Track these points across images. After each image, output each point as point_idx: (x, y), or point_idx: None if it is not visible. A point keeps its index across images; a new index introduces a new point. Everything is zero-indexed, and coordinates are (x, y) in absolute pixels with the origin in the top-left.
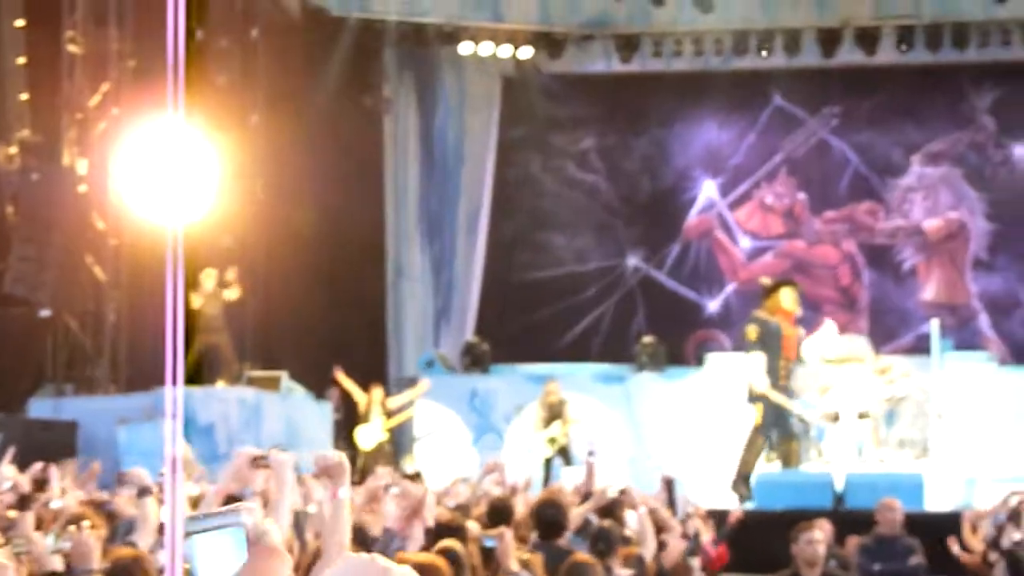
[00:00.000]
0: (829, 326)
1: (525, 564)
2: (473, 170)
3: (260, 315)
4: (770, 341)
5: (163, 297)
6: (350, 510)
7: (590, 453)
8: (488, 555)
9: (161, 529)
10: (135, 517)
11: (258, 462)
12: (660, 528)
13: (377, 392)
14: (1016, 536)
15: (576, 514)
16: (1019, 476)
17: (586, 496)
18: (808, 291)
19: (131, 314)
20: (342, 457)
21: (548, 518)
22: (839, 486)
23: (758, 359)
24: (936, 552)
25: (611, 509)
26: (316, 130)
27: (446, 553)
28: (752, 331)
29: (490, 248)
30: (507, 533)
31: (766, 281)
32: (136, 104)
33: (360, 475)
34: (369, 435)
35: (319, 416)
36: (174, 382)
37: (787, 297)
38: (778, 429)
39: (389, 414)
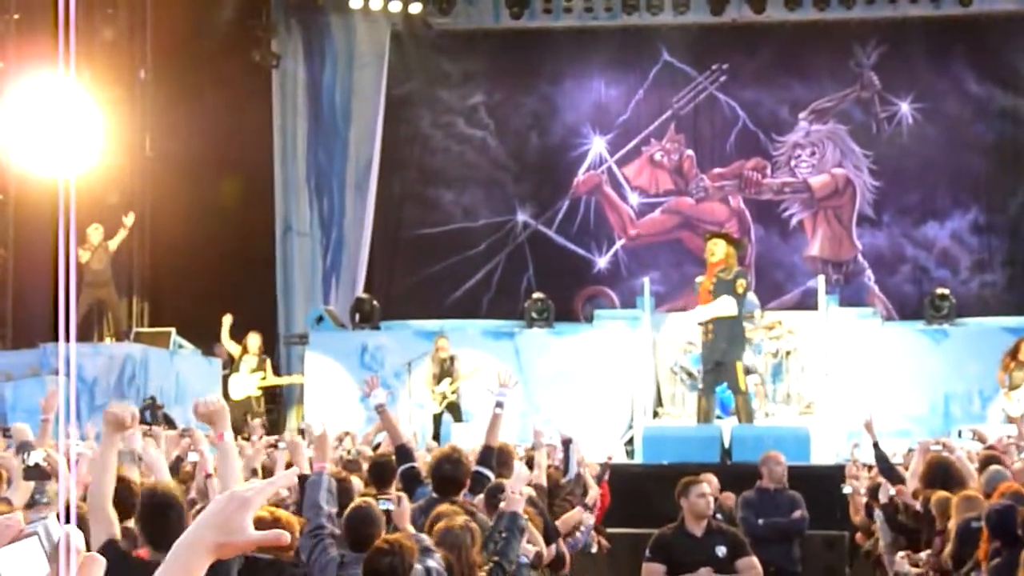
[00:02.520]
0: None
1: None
2: (362, 126)
3: (148, 271)
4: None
5: (48, 252)
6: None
7: (497, 404)
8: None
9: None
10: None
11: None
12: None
13: (253, 341)
14: (891, 491)
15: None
16: (903, 429)
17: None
18: (696, 247)
19: (17, 270)
20: (223, 402)
21: (446, 474)
22: (726, 440)
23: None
24: (820, 505)
25: (504, 462)
26: (204, 85)
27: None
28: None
29: (379, 204)
30: (403, 498)
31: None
32: (21, 58)
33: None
34: (239, 386)
35: (207, 372)
36: (67, 338)
37: (707, 250)
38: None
39: (265, 368)
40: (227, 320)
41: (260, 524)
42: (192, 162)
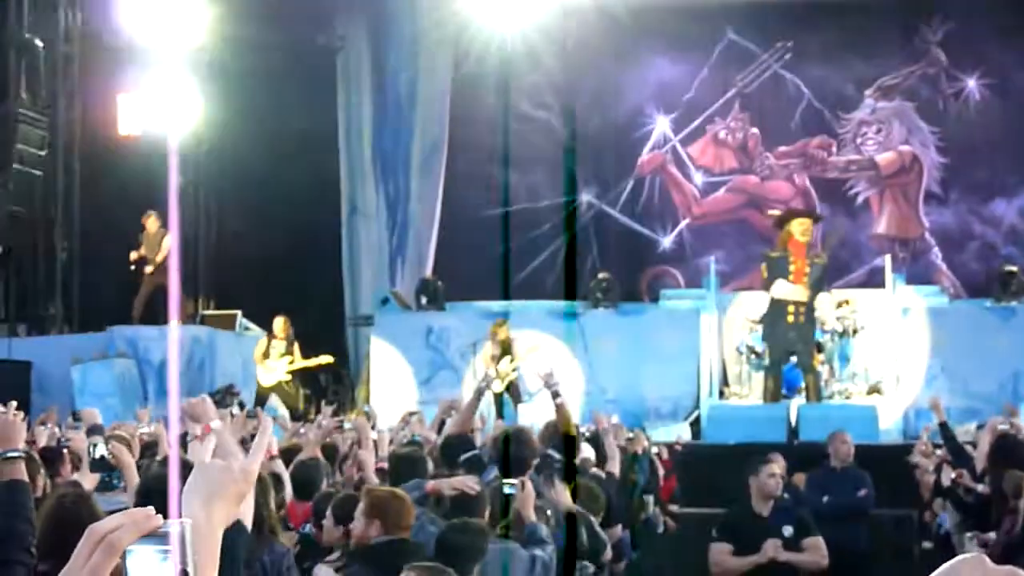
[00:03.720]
0: None
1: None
2: (427, 107)
3: (214, 254)
4: (777, 275)
5: (116, 234)
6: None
7: (555, 395)
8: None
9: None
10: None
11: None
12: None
13: (278, 324)
14: (952, 475)
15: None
16: (971, 408)
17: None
18: (760, 226)
19: (84, 252)
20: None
21: (512, 454)
22: (793, 419)
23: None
24: (888, 484)
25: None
26: (270, 68)
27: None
28: (763, 269)
29: (444, 185)
30: (528, 481)
31: (775, 213)
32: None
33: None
34: (269, 372)
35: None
36: (127, 321)
37: (797, 228)
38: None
39: (293, 351)
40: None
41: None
42: (257, 144)
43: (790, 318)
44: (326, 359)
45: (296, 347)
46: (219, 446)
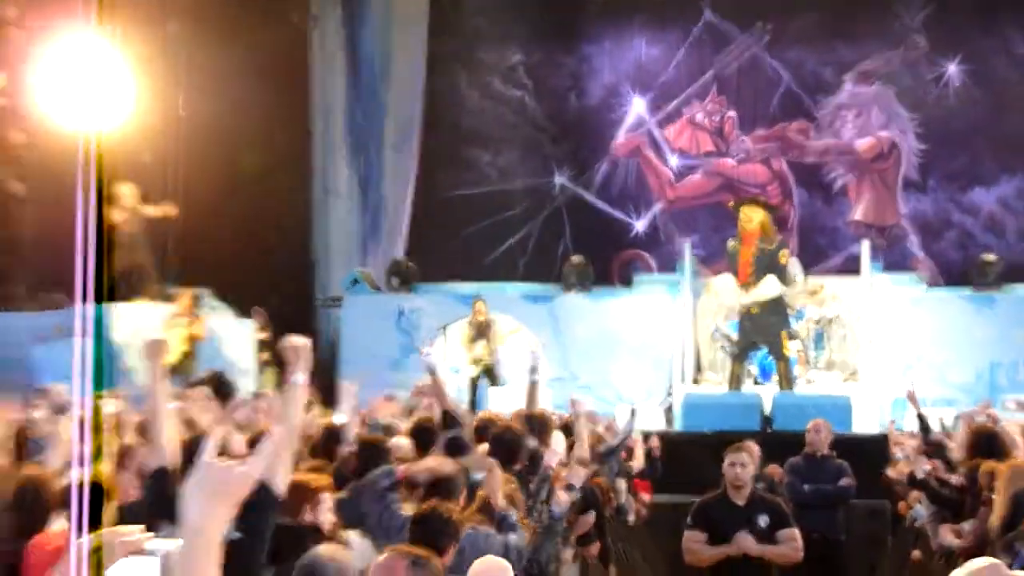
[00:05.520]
0: None
1: (511, 499)
2: (400, 86)
3: (182, 232)
4: (732, 265)
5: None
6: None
7: (532, 370)
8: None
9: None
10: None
11: None
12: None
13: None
14: (926, 467)
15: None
16: (948, 398)
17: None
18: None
19: (48, 229)
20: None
21: (507, 443)
22: (767, 408)
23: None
24: (863, 475)
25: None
26: (241, 46)
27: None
28: (726, 256)
29: (418, 165)
30: (496, 466)
31: (730, 203)
32: (53, 15)
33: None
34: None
35: (242, 335)
36: (84, 298)
37: (742, 216)
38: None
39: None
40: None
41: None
42: (227, 123)
43: (747, 310)
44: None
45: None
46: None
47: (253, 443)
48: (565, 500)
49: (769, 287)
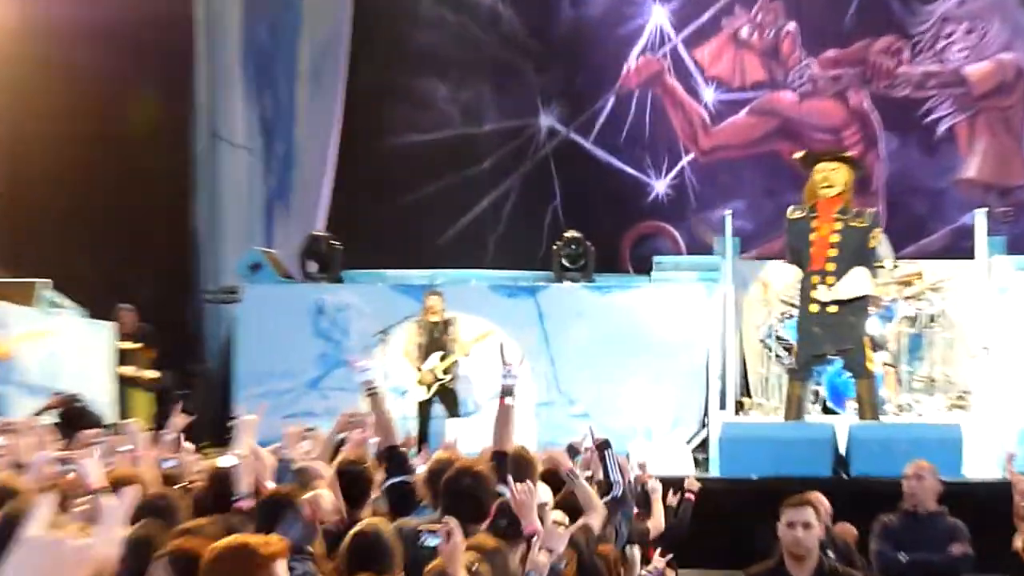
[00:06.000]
0: None
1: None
2: None
3: (9, 203)
4: (797, 245)
5: None
6: None
7: (505, 392)
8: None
9: None
10: None
11: None
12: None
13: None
14: None
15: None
16: None
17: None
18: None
19: None
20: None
21: (468, 493)
22: (841, 445)
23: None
24: (984, 538)
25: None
26: None
27: None
28: (787, 232)
29: (344, 104)
30: (456, 530)
31: (797, 155)
32: None
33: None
34: None
35: (94, 340)
36: None
37: (817, 178)
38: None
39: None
40: None
41: None
42: (71, 51)
43: (812, 307)
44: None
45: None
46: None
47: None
48: (543, 565)
49: (857, 283)
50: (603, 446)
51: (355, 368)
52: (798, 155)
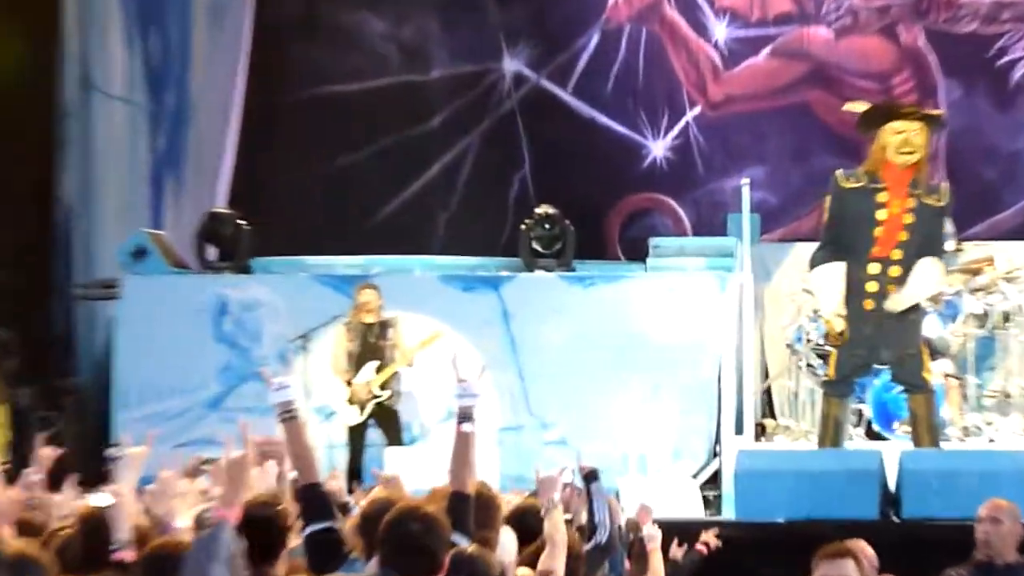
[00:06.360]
0: None
1: None
2: None
3: None
4: (851, 223)
5: None
6: None
7: (464, 417)
8: None
9: None
10: None
11: None
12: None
13: None
14: None
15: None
16: None
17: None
18: (833, 118)
19: None
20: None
21: (409, 541)
22: (891, 478)
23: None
24: None
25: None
26: None
27: None
28: (826, 205)
29: (252, 43)
30: None
31: (855, 107)
32: None
33: None
34: None
35: None
36: None
37: (893, 141)
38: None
39: None
40: None
41: None
42: None
43: (868, 303)
44: None
45: None
46: None
47: None
48: None
49: (929, 280)
50: (590, 477)
51: (268, 383)
52: (856, 106)
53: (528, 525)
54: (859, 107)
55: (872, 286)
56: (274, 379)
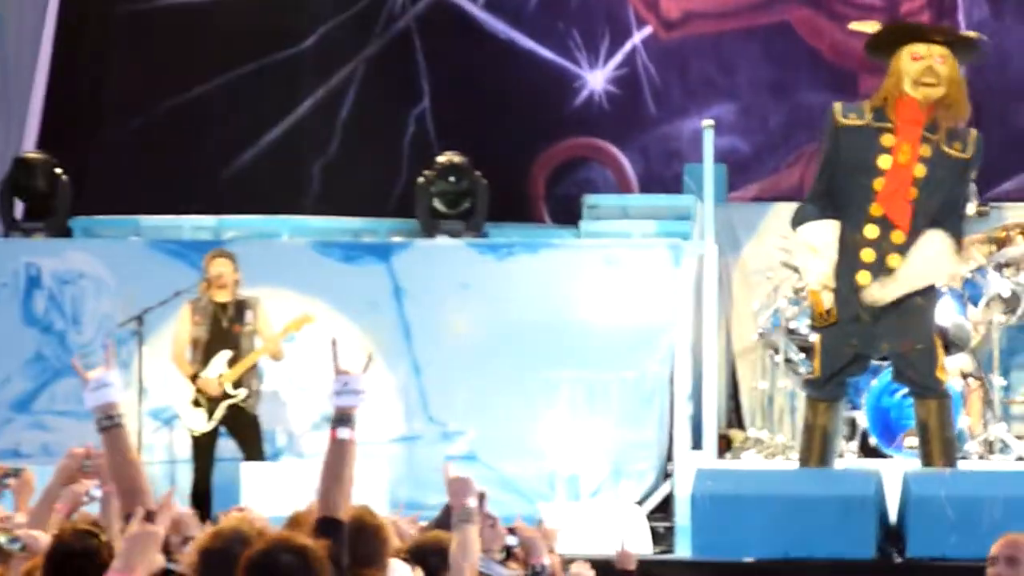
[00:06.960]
0: None
1: None
2: None
3: None
4: (849, 172)
5: None
6: None
7: (341, 420)
8: None
9: None
10: None
11: None
12: None
13: None
14: None
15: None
16: None
17: None
18: (824, 43)
19: None
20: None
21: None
22: (891, 506)
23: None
24: None
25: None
26: None
27: None
28: (822, 151)
29: None
30: None
31: (863, 26)
32: None
33: None
34: None
35: None
36: None
37: (910, 69)
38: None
39: None
40: None
41: None
42: None
43: (862, 276)
44: None
45: None
46: None
47: None
48: None
49: (933, 260)
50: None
51: (86, 381)
52: (865, 25)
53: (433, 567)
54: (869, 27)
55: (868, 254)
56: (91, 374)
